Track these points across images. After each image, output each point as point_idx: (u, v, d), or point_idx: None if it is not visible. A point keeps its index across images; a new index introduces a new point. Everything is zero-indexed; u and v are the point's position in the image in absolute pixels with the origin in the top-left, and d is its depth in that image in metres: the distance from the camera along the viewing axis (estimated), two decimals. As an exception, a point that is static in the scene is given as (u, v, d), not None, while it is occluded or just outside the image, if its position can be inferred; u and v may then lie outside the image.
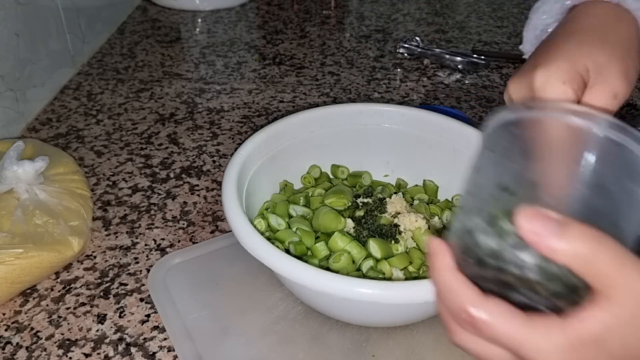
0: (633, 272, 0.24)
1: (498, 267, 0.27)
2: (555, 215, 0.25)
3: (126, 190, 0.66)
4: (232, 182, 0.49)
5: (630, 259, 0.25)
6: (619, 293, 0.24)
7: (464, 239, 0.29)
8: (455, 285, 0.28)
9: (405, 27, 1.16)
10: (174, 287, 0.52)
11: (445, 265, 0.29)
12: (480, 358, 0.29)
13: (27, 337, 0.48)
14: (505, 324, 0.26)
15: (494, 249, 0.27)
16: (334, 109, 0.60)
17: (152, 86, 0.90)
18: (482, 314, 0.26)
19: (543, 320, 0.26)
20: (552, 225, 0.25)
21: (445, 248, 0.29)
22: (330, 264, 0.48)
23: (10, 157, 0.55)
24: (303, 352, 0.47)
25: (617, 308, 0.24)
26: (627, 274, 0.24)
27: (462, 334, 0.29)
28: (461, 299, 0.27)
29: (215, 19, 1.18)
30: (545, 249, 0.25)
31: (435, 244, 0.29)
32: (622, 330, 0.25)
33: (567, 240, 0.24)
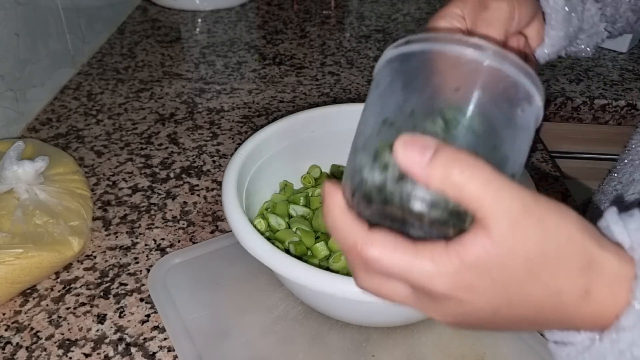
0: (504, 195, 0.24)
1: (384, 201, 0.27)
2: (430, 142, 0.25)
3: (126, 190, 0.66)
4: (232, 182, 0.49)
5: (502, 182, 0.25)
6: (492, 218, 0.25)
7: (353, 178, 0.29)
8: (343, 224, 0.28)
9: (405, 27, 1.16)
10: (174, 287, 0.52)
11: (334, 205, 0.29)
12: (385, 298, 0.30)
13: (27, 337, 0.48)
14: (392, 254, 0.26)
15: (378, 182, 0.28)
16: (334, 109, 0.60)
17: (152, 86, 0.90)
18: (369, 248, 0.27)
19: (429, 246, 0.26)
20: (425, 151, 0.25)
21: (336, 189, 0.29)
22: (330, 264, 0.48)
23: (10, 157, 0.55)
24: (303, 352, 0.47)
25: (491, 232, 0.25)
26: (499, 199, 0.24)
27: (363, 276, 0.29)
28: (350, 235, 0.28)
29: (215, 19, 1.18)
30: (418, 176, 0.25)
31: (327, 186, 0.30)
32: (498, 253, 0.25)
33: (439, 165, 0.25)
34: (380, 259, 0.27)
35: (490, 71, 0.29)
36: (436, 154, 0.25)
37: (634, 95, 0.89)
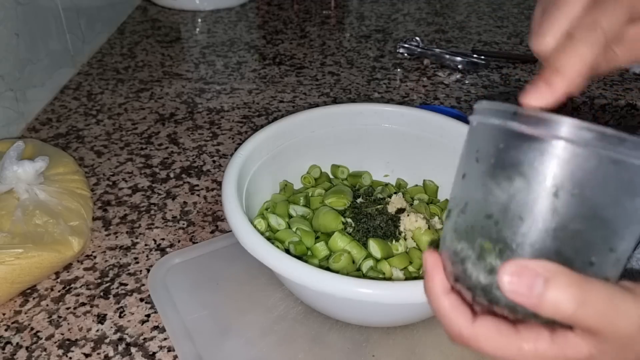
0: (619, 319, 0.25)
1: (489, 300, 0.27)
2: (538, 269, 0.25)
3: (126, 190, 0.66)
4: (232, 182, 0.49)
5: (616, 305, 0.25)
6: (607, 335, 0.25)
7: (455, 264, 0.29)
8: (447, 312, 0.29)
9: (405, 27, 1.16)
10: (174, 287, 0.52)
11: (437, 290, 0.30)
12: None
13: (27, 337, 0.48)
14: (496, 345, 0.27)
15: (483, 284, 0.27)
16: (334, 109, 0.60)
17: (152, 86, 0.90)
18: (472, 340, 0.28)
19: (533, 334, 0.27)
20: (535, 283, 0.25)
21: (439, 267, 0.30)
22: (330, 264, 0.48)
23: (10, 157, 0.55)
24: (303, 352, 0.47)
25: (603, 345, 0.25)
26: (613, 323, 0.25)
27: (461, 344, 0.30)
28: (453, 325, 0.29)
29: (215, 19, 1.18)
30: (528, 306, 0.25)
31: (430, 262, 0.30)
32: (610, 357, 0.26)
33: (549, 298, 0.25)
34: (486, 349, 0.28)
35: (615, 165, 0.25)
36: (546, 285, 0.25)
37: (634, 95, 0.89)
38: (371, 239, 0.50)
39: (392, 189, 0.60)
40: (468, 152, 0.29)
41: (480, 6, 1.29)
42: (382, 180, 0.63)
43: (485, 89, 0.91)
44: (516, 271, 0.25)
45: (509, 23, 1.19)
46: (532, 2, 1.31)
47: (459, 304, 0.29)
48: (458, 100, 0.87)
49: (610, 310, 0.25)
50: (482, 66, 0.97)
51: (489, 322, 0.28)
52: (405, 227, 0.52)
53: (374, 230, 0.51)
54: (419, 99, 0.88)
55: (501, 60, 1.00)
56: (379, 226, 0.52)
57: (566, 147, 0.25)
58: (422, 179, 0.60)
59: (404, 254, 0.50)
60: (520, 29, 1.15)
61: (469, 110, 0.84)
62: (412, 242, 0.51)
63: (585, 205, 0.25)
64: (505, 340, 0.27)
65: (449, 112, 0.72)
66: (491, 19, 1.21)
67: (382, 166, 0.62)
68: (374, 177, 0.62)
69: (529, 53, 1.04)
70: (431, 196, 0.59)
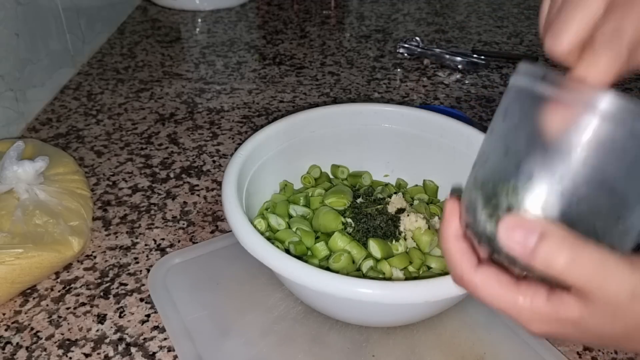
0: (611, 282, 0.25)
1: (493, 249, 0.29)
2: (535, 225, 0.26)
3: (126, 190, 0.66)
4: (232, 182, 0.49)
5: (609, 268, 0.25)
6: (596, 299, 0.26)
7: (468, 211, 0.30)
8: (454, 255, 0.31)
9: (405, 27, 1.16)
10: (174, 287, 0.52)
11: (449, 233, 0.31)
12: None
13: (27, 337, 0.48)
14: (494, 292, 0.28)
15: (489, 232, 0.29)
16: (334, 109, 0.60)
17: (152, 86, 0.90)
18: (472, 284, 0.29)
19: (531, 290, 0.27)
20: (530, 236, 0.26)
21: (455, 213, 0.31)
22: (330, 264, 0.48)
23: (10, 157, 0.55)
24: (303, 352, 0.47)
25: (594, 307, 0.26)
26: (603, 286, 0.25)
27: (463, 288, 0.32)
28: (457, 268, 0.30)
29: (215, 19, 1.18)
30: (522, 257, 0.26)
31: (448, 207, 0.32)
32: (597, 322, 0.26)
33: (543, 252, 0.26)
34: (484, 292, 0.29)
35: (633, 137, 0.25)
36: (541, 239, 0.26)
37: (634, 95, 0.89)
38: (371, 239, 0.50)
39: (392, 189, 0.60)
40: (499, 111, 0.30)
41: (480, 6, 1.29)
42: (382, 180, 0.63)
43: (485, 89, 0.91)
44: (515, 224, 0.27)
45: (509, 23, 1.19)
46: (532, 2, 1.31)
47: (467, 250, 0.30)
48: (458, 100, 0.87)
49: (600, 273, 0.25)
50: (482, 66, 0.97)
51: (490, 271, 0.29)
52: (405, 227, 0.52)
53: (374, 230, 0.51)
54: (419, 99, 0.88)
55: (501, 60, 1.00)
56: (379, 226, 0.52)
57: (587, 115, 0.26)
58: (422, 179, 0.60)
59: (404, 254, 0.50)
60: (520, 29, 1.15)
61: (469, 110, 0.84)
62: (412, 242, 0.51)
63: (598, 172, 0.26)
64: (502, 291, 0.28)
65: (449, 112, 0.72)
66: (491, 19, 1.21)
67: (382, 166, 0.62)
68: (374, 177, 0.62)
69: (529, 53, 1.04)
70: (431, 196, 0.59)
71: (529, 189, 0.27)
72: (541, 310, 0.27)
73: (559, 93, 0.26)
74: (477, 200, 0.29)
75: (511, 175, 0.28)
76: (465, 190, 0.31)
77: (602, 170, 0.26)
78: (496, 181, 0.29)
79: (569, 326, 0.27)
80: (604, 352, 0.47)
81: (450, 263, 0.31)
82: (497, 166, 0.29)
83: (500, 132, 0.29)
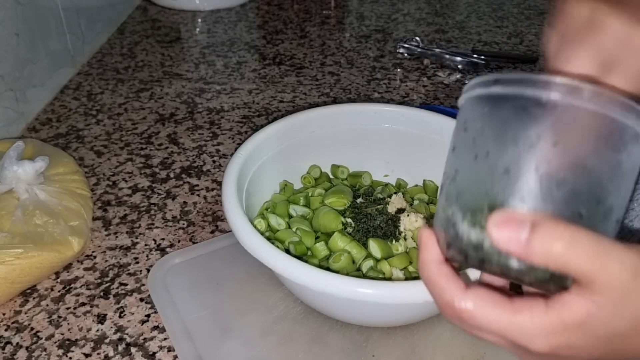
0: (613, 262, 0.24)
1: (481, 260, 0.27)
2: (524, 217, 0.25)
3: (126, 190, 0.66)
4: (232, 182, 0.49)
5: (609, 249, 0.24)
6: (600, 285, 0.24)
7: (448, 229, 0.29)
8: (439, 280, 0.28)
9: (405, 27, 1.16)
10: (174, 287, 0.52)
11: (430, 259, 0.29)
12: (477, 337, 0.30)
13: (27, 337, 0.48)
14: (489, 314, 0.26)
15: (475, 242, 0.27)
16: (334, 109, 0.60)
17: (152, 86, 0.90)
18: (464, 308, 0.27)
19: (527, 304, 0.26)
20: (521, 229, 0.25)
21: (433, 239, 0.29)
22: (330, 264, 0.48)
23: (10, 157, 0.55)
24: (303, 352, 0.47)
25: (599, 297, 0.24)
26: (607, 267, 0.24)
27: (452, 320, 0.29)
28: (445, 293, 0.28)
29: (215, 19, 1.18)
30: (518, 254, 0.25)
31: (424, 235, 0.30)
32: (605, 316, 0.25)
33: (538, 242, 0.24)
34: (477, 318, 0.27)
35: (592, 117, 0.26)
36: (533, 230, 0.25)
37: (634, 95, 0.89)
38: (371, 239, 0.50)
39: (392, 189, 0.60)
40: (457, 128, 0.31)
41: (480, 6, 1.29)
42: (382, 180, 0.62)
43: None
44: (503, 219, 0.25)
45: (509, 23, 1.19)
46: (532, 2, 1.31)
47: (452, 273, 0.28)
48: (458, 100, 0.87)
49: (600, 254, 0.24)
50: (482, 66, 0.97)
51: (481, 290, 0.27)
52: (405, 227, 0.52)
53: (374, 230, 0.51)
54: (419, 99, 0.88)
55: (501, 60, 1.00)
56: (379, 226, 0.52)
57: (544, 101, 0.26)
58: (422, 179, 0.60)
59: (404, 254, 0.50)
60: (520, 29, 1.15)
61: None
62: (412, 242, 0.51)
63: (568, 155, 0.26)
64: (499, 310, 0.26)
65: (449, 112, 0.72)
66: (491, 19, 1.21)
67: (382, 166, 0.62)
68: (374, 177, 0.62)
69: (529, 53, 1.04)
70: (431, 196, 0.59)
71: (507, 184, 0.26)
72: (543, 321, 0.25)
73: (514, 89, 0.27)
74: (455, 214, 0.28)
75: (486, 176, 0.27)
76: (437, 214, 0.30)
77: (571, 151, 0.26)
78: (472, 188, 0.28)
79: (576, 332, 0.25)
80: None
81: (436, 290, 0.29)
82: (469, 174, 0.28)
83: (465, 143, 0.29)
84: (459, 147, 0.30)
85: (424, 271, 0.29)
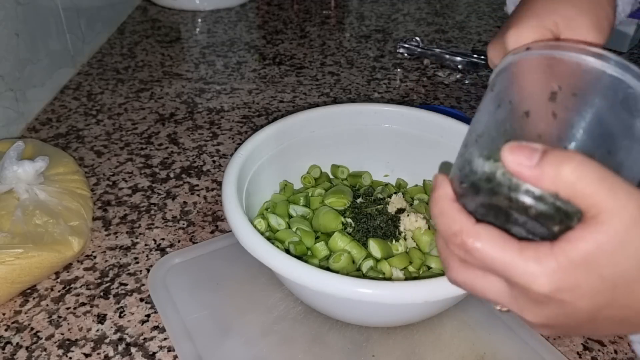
0: (620, 192, 0.24)
1: (492, 191, 0.28)
2: (536, 145, 0.26)
3: (126, 190, 0.66)
4: (232, 182, 0.49)
5: (616, 180, 0.24)
6: (607, 214, 0.24)
7: (463, 168, 0.30)
8: (450, 211, 0.29)
9: (405, 27, 1.16)
10: (174, 287, 0.52)
11: (443, 194, 0.30)
12: (476, 293, 0.30)
13: (27, 337, 0.48)
14: (496, 248, 0.27)
15: (488, 172, 0.28)
16: (334, 109, 0.60)
17: (152, 86, 0.90)
18: (473, 238, 0.27)
19: (533, 246, 0.26)
20: (533, 154, 0.25)
21: (446, 180, 0.30)
22: (330, 264, 0.48)
23: (10, 157, 0.55)
24: (303, 352, 0.47)
25: (606, 228, 0.24)
26: (614, 195, 0.24)
27: (458, 267, 0.29)
28: (455, 224, 0.28)
29: (215, 19, 1.18)
30: (529, 177, 0.25)
31: (438, 177, 0.31)
32: (611, 250, 0.24)
33: (548, 165, 0.25)
34: (483, 250, 0.27)
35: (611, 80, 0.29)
36: (545, 155, 0.25)
37: (634, 95, 0.89)
38: (371, 239, 0.50)
39: (392, 189, 0.60)
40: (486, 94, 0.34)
41: (480, 6, 1.29)
42: (382, 180, 0.63)
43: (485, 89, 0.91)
44: (517, 146, 0.26)
45: (509, 23, 1.19)
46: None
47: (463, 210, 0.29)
48: (458, 100, 0.87)
49: (610, 181, 0.24)
50: (482, 66, 0.97)
51: (490, 227, 0.27)
52: (405, 227, 0.52)
53: (374, 230, 0.51)
54: (419, 99, 0.88)
55: (501, 60, 1.00)
56: (379, 226, 0.52)
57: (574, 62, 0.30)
58: (422, 179, 0.60)
59: (404, 254, 0.50)
60: (520, 29, 1.15)
61: (469, 110, 0.84)
62: (412, 242, 0.51)
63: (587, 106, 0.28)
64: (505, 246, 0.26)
65: (449, 112, 0.72)
66: (491, 19, 1.21)
67: (382, 166, 0.62)
68: (374, 177, 0.62)
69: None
70: (431, 196, 0.59)
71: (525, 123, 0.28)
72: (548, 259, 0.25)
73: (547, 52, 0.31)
74: (473, 153, 0.29)
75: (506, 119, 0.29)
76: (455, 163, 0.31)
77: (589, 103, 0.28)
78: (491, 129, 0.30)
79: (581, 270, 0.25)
80: (603, 352, 0.47)
81: (446, 221, 0.29)
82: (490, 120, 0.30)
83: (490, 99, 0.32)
84: (483, 104, 0.32)
85: (436, 206, 0.30)
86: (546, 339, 0.48)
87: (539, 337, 0.48)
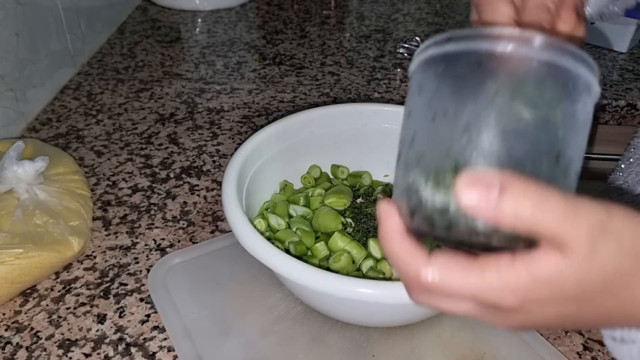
0: (581, 221, 0.24)
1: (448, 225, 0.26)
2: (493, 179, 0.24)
3: (126, 190, 0.66)
4: (232, 182, 0.49)
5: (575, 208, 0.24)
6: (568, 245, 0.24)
7: (410, 197, 0.28)
8: (401, 252, 0.27)
9: (405, 27, 1.16)
10: (174, 287, 0.52)
11: (391, 231, 0.28)
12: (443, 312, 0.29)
13: (27, 337, 0.48)
14: (457, 279, 0.26)
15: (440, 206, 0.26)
16: (334, 109, 0.60)
17: (152, 86, 0.90)
18: (432, 275, 0.26)
19: (493, 260, 0.25)
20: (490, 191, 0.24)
21: (393, 210, 0.28)
22: (330, 264, 0.48)
23: (10, 157, 0.55)
24: (303, 352, 0.47)
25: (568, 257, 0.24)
26: (574, 227, 0.24)
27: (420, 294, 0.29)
28: (410, 267, 0.27)
29: (215, 19, 1.18)
30: (488, 218, 0.24)
31: (383, 207, 0.29)
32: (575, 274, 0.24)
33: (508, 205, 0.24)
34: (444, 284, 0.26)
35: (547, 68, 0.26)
36: (503, 191, 0.24)
37: (634, 95, 0.89)
38: (371, 239, 0.50)
39: (392, 189, 0.61)
40: (410, 94, 0.30)
41: (480, 6, 1.29)
42: (382, 180, 0.63)
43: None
44: (471, 180, 0.24)
45: (509, 23, 1.19)
46: (532, 2, 1.30)
47: (415, 245, 0.27)
48: (458, 100, 0.87)
49: (570, 213, 0.24)
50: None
51: (445, 256, 0.26)
52: (405, 227, 0.52)
53: (374, 230, 0.51)
54: (419, 99, 0.88)
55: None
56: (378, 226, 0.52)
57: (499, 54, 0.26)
58: (422, 179, 0.60)
59: (404, 254, 0.50)
60: (520, 29, 1.15)
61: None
62: (412, 242, 0.51)
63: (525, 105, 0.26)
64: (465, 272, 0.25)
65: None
66: (491, 19, 1.21)
67: (382, 166, 0.62)
68: (374, 177, 0.62)
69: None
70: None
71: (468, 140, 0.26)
72: (510, 275, 0.25)
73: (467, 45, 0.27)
74: (417, 179, 0.27)
75: (446, 135, 0.26)
76: (396, 185, 0.29)
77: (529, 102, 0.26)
78: (432, 149, 0.27)
79: (544, 289, 0.25)
80: (603, 352, 0.47)
81: (400, 265, 0.28)
82: (428, 136, 0.28)
83: (421, 106, 0.29)
84: (415, 111, 0.29)
85: (386, 246, 0.28)
86: (546, 339, 0.48)
87: (539, 337, 0.48)
